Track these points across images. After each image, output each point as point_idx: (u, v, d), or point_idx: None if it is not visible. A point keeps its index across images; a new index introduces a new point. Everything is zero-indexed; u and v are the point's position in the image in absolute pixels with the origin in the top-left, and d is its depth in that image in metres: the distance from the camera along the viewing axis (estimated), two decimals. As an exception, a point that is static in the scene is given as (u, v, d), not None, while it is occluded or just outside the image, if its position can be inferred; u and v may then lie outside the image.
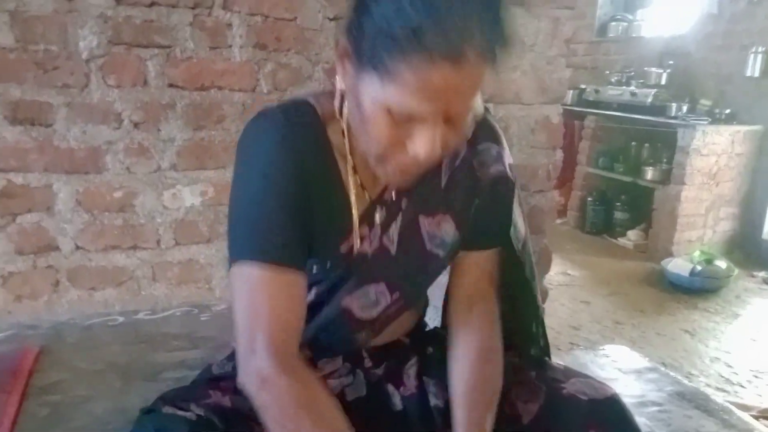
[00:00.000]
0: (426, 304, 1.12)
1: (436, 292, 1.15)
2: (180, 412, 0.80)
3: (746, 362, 2.67)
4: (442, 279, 1.04)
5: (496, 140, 0.94)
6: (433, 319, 1.15)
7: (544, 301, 1.75)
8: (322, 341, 0.95)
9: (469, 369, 0.91)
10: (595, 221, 4.42)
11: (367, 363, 0.99)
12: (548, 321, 1.10)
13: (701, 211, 3.88)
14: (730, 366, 2.64)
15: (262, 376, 0.75)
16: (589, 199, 4.46)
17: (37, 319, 1.67)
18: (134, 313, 1.75)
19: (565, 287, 3.52)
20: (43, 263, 1.68)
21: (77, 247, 1.70)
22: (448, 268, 1.01)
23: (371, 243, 0.90)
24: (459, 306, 0.98)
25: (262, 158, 0.81)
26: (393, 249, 0.91)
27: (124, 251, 1.74)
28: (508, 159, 0.95)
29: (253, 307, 0.78)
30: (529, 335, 1.07)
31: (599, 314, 3.13)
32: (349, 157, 0.85)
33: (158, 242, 1.77)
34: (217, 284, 1.87)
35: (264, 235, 0.79)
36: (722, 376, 2.54)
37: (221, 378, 0.93)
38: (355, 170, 0.86)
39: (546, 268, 1.74)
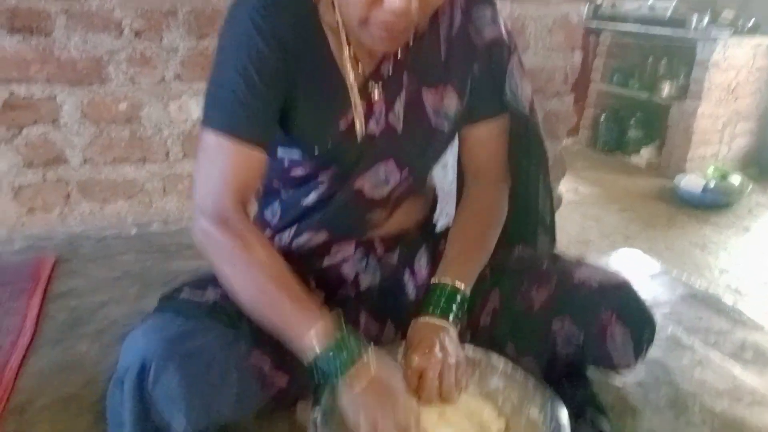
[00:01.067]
0: (435, 199, 1.12)
1: (440, 178, 1.16)
2: (196, 298, 0.83)
3: (754, 274, 2.69)
4: (448, 160, 1.06)
5: (490, 2, 0.92)
6: (443, 213, 1.16)
7: (557, 208, 1.73)
8: (339, 224, 0.97)
9: (466, 220, 0.98)
10: (608, 139, 4.34)
11: (379, 250, 1.00)
12: (557, 237, 1.10)
13: (717, 127, 3.79)
14: (738, 277, 2.66)
15: (205, 231, 0.82)
16: (602, 116, 4.36)
17: (51, 231, 1.69)
18: (147, 226, 1.76)
19: (575, 205, 3.50)
20: (52, 176, 1.68)
21: (86, 160, 1.68)
22: (454, 151, 1.03)
23: (378, 122, 0.89)
24: (468, 177, 1.02)
25: (238, 31, 0.81)
26: (399, 127, 0.90)
27: (133, 164, 1.73)
28: (503, 21, 0.93)
29: (209, 171, 0.83)
30: (537, 219, 1.08)
31: (609, 230, 3.12)
32: (342, 30, 0.84)
33: (167, 155, 1.75)
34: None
35: (227, 107, 0.81)
36: (730, 287, 2.56)
37: None
38: (348, 43, 0.85)
39: (561, 173, 1.71)
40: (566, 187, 3.69)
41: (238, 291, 0.81)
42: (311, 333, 0.75)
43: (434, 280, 0.92)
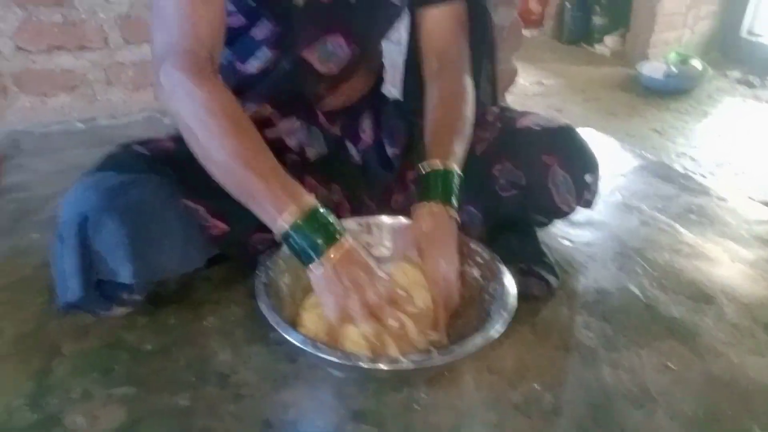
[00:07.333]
0: (381, 67, 1.09)
1: (393, 51, 1.12)
2: (132, 154, 0.82)
3: (710, 156, 2.75)
4: (402, 36, 1.02)
5: None
6: (391, 83, 1.13)
7: (513, 78, 1.72)
8: (283, 95, 0.94)
9: (438, 106, 0.91)
10: (573, 29, 4.26)
11: (322, 120, 0.99)
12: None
13: (682, 9, 3.73)
14: (694, 159, 2.72)
15: (175, 77, 0.73)
16: (567, 5, 4.25)
17: (-10, 128, 1.61)
18: (93, 120, 1.69)
19: (539, 97, 3.48)
20: (-17, 68, 1.58)
21: (18, 48, 1.58)
22: (406, 26, 0.99)
23: None
24: (429, 64, 0.97)
25: None
26: None
27: (70, 52, 1.63)
28: None
29: (171, 17, 0.75)
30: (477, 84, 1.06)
31: (571, 120, 3.10)
32: None
33: (105, 41, 1.65)
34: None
35: None
36: (686, 169, 2.62)
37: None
38: None
39: (516, 44, 1.68)
40: (530, 80, 3.67)
41: (207, 154, 0.74)
42: (286, 212, 0.70)
43: (423, 166, 0.84)
